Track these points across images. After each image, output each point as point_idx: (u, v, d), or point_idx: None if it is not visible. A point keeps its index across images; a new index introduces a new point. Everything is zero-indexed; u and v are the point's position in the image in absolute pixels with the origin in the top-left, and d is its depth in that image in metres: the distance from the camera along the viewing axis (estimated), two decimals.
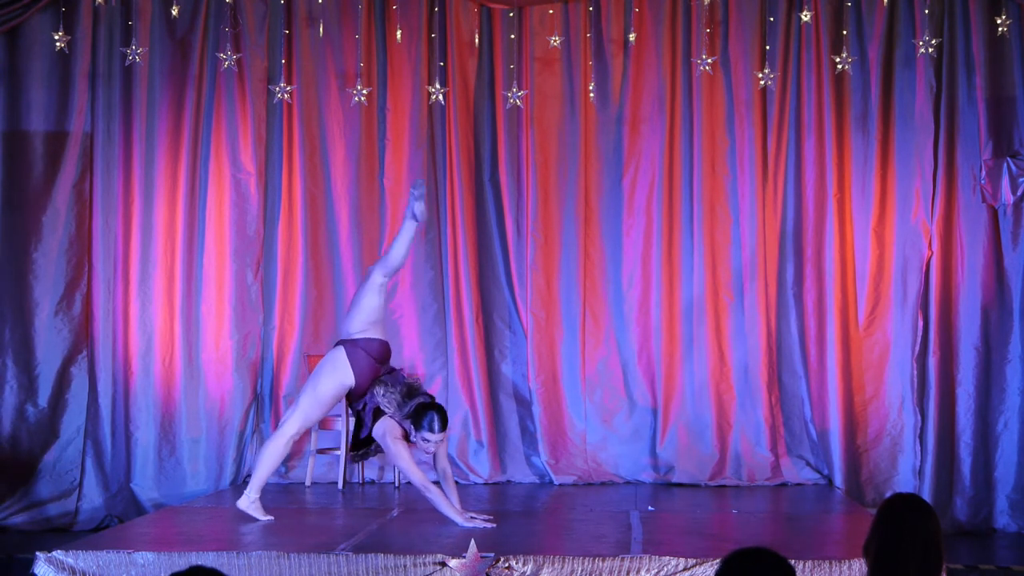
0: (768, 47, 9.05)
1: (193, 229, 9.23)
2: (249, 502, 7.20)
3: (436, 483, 7.07)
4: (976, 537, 8.62)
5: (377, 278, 7.13)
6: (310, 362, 8.90)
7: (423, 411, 6.91)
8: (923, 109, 8.96)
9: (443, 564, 5.99)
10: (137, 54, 8.92)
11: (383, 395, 7.00)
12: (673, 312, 9.23)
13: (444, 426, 6.92)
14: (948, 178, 8.93)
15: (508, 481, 9.23)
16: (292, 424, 7.16)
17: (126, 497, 9.04)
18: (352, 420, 7.44)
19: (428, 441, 6.90)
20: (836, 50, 8.87)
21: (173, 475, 9.10)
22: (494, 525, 6.90)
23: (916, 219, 9.00)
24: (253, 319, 9.27)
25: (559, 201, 9.31)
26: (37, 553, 6.23)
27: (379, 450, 7.21)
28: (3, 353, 9.03)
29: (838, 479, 8.94)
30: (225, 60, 8.90)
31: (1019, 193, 8.78)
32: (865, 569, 3.74)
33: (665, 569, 5.96)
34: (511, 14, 9.21)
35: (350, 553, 6.08)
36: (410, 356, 9.33)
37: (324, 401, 7.18)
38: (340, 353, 7.09)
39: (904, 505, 3.76)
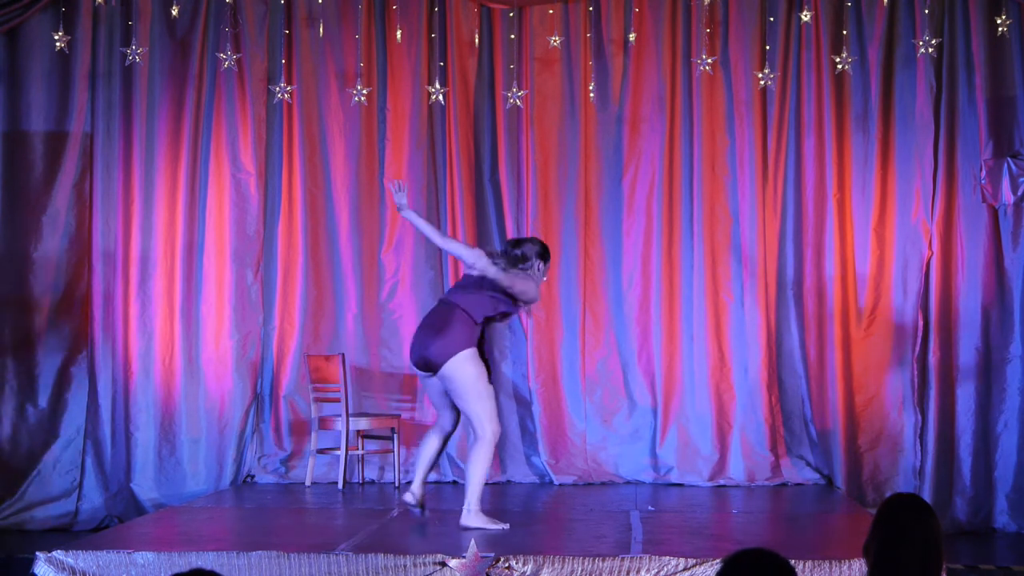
0: (768, 47, 9.05)
1: (193, 229, 9.23)
2: (476, 516, 6.87)
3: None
4: (976, 537, 8.61)
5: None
6: (310, 362, 8.90)
7: (539, 243, 7.11)
8: (923, 109, 8.96)
9: (443, 564, 5.99)
10: (137, 54, 8.92)
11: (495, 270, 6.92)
12: (673, 312, 9.23)
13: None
14: (948, 178, 8.93)
15: (508, 481, 9.23)
16: (488, 426, 6.87)
17: (126, 497, 9.04)
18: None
19: (542, 271, 7.05)
20: (836, 50, 8.87)
21: (173, 475, 9.10)
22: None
23: (916, 219, 9.00)
24: (253, 319, 9.27)
25: (559, 201, 9.31)
26: (37, 553, 6.23)
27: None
28: (3, 353, 9.02)
29: (838, 479, 8.94)
30: (225, 60, 8.90)
31: (1019, 193, 8.77)
32: (865, 569, 3.74)
33: (665, 569, 5.97)
34: (511, 14, 9.21)
35: (350, 553, 6.08)
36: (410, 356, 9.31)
37: (489, 391, 6.92)
38: (461, 356, 6.84)
39: (904, 505, 3.76)
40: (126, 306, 9.16)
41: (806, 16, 8.85)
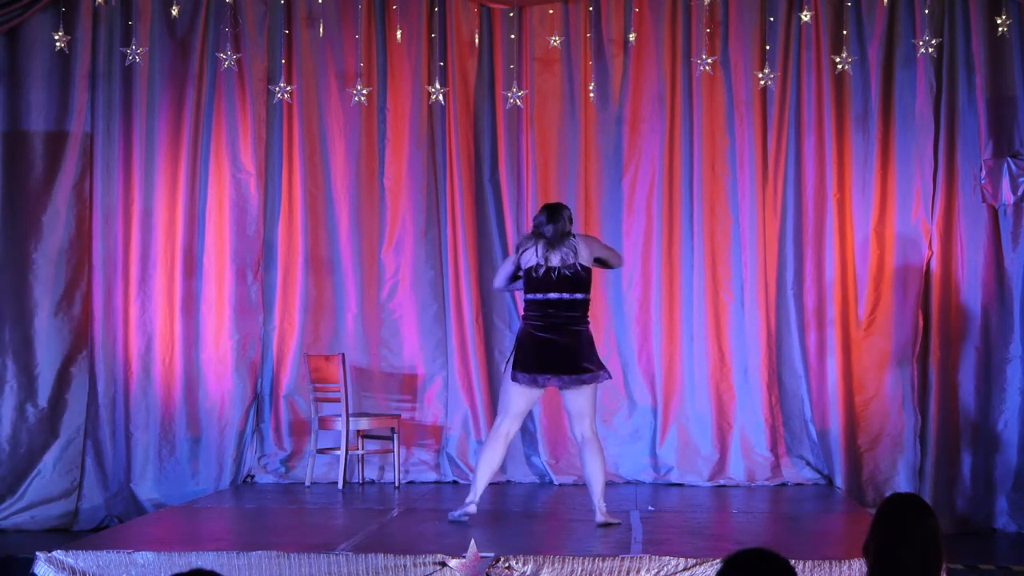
0: (768, 47, 9.05)
1: (193, 229, 9.23)
2: (608, 513, 7.15)
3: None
4: (976, 537, 8.61)
5: None
6: (310, 362, 8.90)
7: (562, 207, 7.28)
8: (923, 109, 8.96)
9: (443, 564, 6.00)
10: (137, 54, 8.92)
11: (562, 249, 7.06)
12: (673, 312, 9.23)
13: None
14: (948, 178, 8.93)
15: (508, 481, 9.23)
16: (593, 426, 7.17)
17: (126, 497, 9.04)
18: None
19: None
20: (836, 50, 8.86)
21: (173, 475, 9.10)
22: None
23: (916, 219, 9.00)
24: (253, 319, 9.27)
25: (559, 201, 9.29)
26: (37, 553, 6.24)
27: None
28: (3, 353, 9.02)
29: (838, 479, 8.94)
30: (225, 60, 8.90)
31: (1019, 193, 8.77)
32: (865, 569, 3.75)
33: (665, 569, 5.97)
34: (511, 14, 9.21)
35: (350, 553, 6.08)
36: (410, 356, 9.33)
37: None
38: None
39: (903, 505, 3.76)
40: (126, 306, 9.16)
41: (806, 16, 8.84)
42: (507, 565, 5.98)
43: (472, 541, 6.03)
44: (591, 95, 9.14)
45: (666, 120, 9.24)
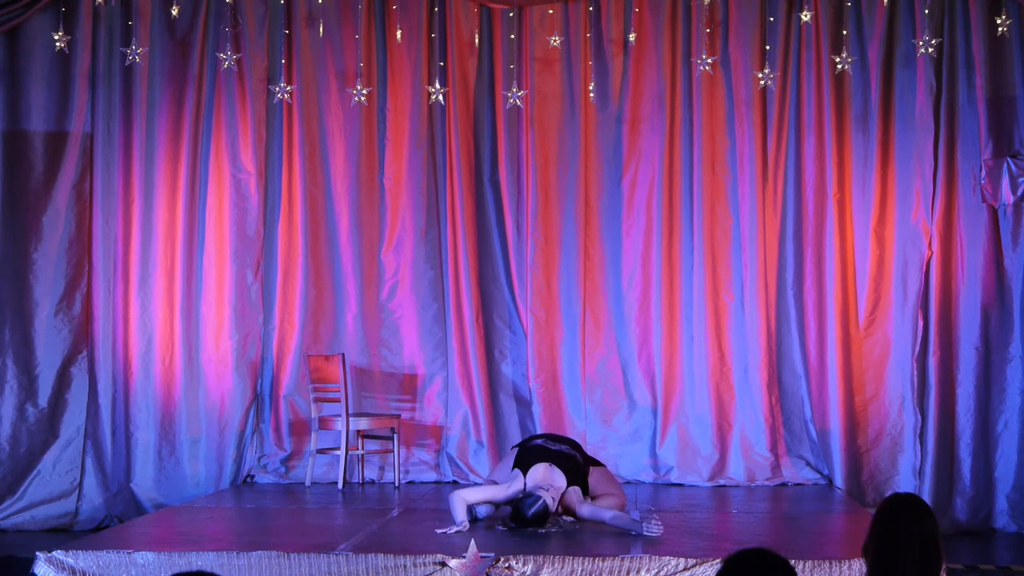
0: (768, 47, 9.05)
1: (193, 229, 9.24)
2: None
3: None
4: (976, 537, 8.61)
5: None
6: (310, 362, 8.91)
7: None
8: (923, 109, 8.96)
9: (443, 564, 6.00)
10: (137, 54, 8.93)
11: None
12: (673, 312, 9.23)
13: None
14: (948, 178, 8.93)
15: None
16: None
17: (126, 497, 9.05)
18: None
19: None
20: (836, 50, 8.87)
21: (173, 475, 9.10)
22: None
23: (916, 219, 9.00)
24: (253, 319, 9.28)
25: (559, 201, 9.31)
26: (37, 553, 6.24)
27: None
28: (3, 353, 9.02)
29: (838, 479, 8.94)
30: (225, 60, 8.90)
31: (1019, 193, 8.77)
32: (865, 569, 3.75)
33: (665, 569, 5.97)
34: (511, 14, 9.21)
35: (350, 553, 6.08)
36: (410, 356, 9.33)
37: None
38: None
39: (902, 505, 3.76)
40: (126, 306, 9.17)
41: (806, 16, 8.85)
42: (507, 565, 5.98)
43: (472, 541, 6.04)
44: (591, 95, 9.15)
45: (666, 120, 9.24)
